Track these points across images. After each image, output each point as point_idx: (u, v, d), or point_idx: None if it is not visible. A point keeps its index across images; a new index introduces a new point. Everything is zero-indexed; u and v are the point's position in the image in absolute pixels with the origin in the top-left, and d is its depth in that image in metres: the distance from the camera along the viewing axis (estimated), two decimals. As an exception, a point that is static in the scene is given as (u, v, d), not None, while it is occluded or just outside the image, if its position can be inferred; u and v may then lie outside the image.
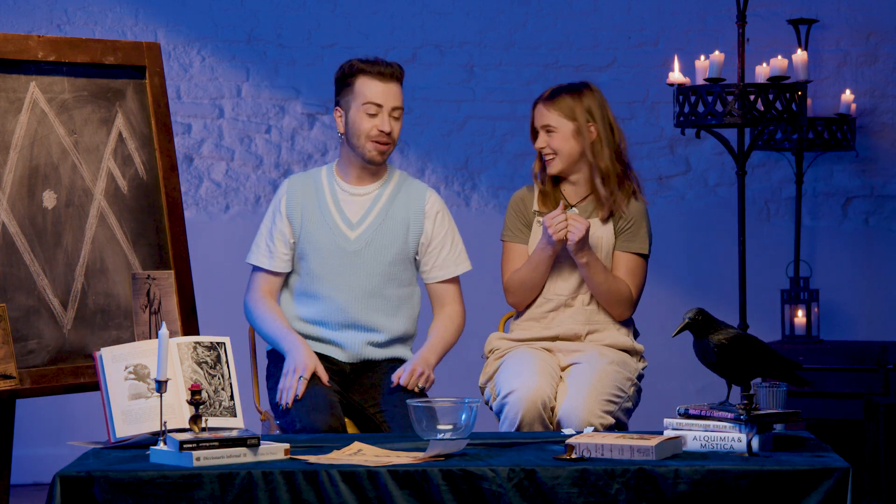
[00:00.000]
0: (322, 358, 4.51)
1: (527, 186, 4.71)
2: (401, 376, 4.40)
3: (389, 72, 4.52)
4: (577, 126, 4.56)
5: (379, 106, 4.49)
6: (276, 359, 4.57)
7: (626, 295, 4.56)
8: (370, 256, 4.52)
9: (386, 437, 4.01)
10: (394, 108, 4.52)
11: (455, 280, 4.65)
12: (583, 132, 4.56)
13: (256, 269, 4.61)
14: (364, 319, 4.53)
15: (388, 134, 4.50)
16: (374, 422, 4.43)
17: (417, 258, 4.61)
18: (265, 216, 4.63)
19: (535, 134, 4.65)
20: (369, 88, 4.49)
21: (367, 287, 4.52)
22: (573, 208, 4.60)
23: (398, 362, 4.57)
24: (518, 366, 4.43)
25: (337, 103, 4.57)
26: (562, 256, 4.57)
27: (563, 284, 4.59)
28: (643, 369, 4.63)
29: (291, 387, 4.34)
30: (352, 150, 4.53)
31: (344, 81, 4.54)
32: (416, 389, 4.40)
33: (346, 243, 4.51)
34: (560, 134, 4.57)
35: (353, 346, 4.53)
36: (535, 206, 4.64)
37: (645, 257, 4.62)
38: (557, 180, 4.65)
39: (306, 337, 4.53)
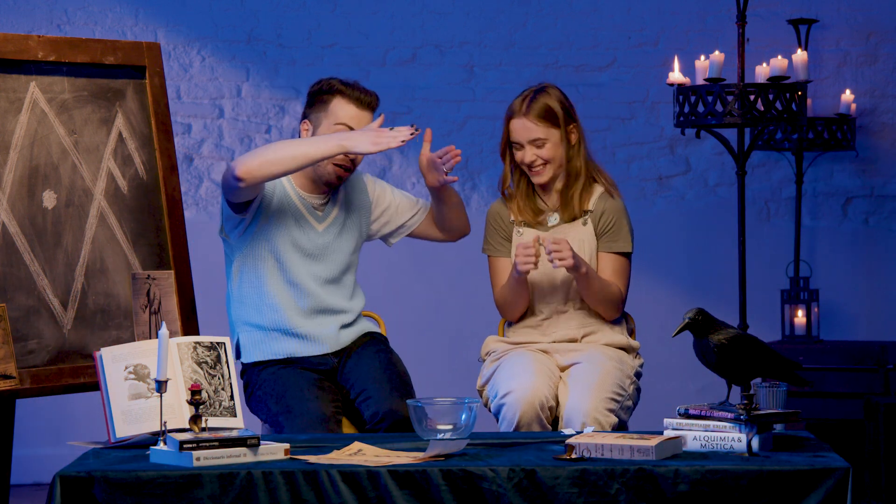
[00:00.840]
0: (307, 360, 4.51)
1: (500, 199, 4.68)
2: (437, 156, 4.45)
3: (367, 100, 4.50)
4: (561, 132, 4.55)
5: (350, 129, 4.46)
6: (251, 373, 4.55)
7: (617, 297, 4.56)
8: (337, 247, 4.57)
9: (386, 438, 4.01)
10: None
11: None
12: (567, 135, 4.56)
13: None
14: (332, 303, 4.56)
15: (353, 160, 4.49)
16: (359, 413, 4.45)
17: (374, 231, 4.68)
18: None
19: (506, 148, 4.58)
20: (344, 111, 4.48)
21: (329, 276, 4.56)
22: (554, 216, 4.58)
23: (369, 337, 4.62)
24: (515, 367, 4.44)
25: (306, 116, 4.55)
26: (547, 268, 4.55)
27: (553, 295, 4.57)
28: (640, 366, 4.63)
29: (400, 132, 4.27)
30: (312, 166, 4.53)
31: (319, 97, 4.52)
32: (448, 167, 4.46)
33: (315, 235, 4.53)
34: (551, 143, 4.54)
35: (330, 334, 4.55)
36: (513, 217, 4.62)
37: (629, 255, 4.61)
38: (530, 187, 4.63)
39: (282, 331, 4.52)
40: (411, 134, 4.27)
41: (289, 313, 4.52)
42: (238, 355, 4.59)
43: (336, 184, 4.54)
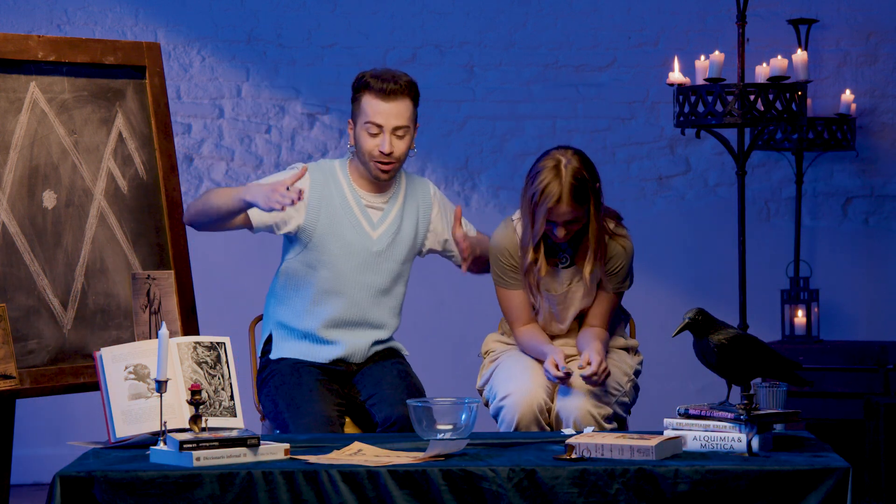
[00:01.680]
0: (333, 363, 4.50)
1: (504, 227, 4.50)
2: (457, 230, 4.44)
3: (393, 88, 4.38)
4: (590, 204, 4.37)
5: (379, 126, 4.40)
6: (270, 364, 4.54)
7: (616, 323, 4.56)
8: (390, 255, 4.51)
9: (386, 438, 4.01)
10: (396, 128, 4.41)
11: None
12: (592, 203, 4.40)
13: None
14: (374, 317, 4.52)
15: (390, 154, 4.40)
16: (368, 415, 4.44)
17: (425, 247, 4.62)
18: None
19: (534, 222, 4.37)
20: (371, 107, 4.39)
21: (382, 286, 4.52)
22: (564, 257, 4.51)
23: (392, 353, 4.60)
24: (513, 368, 4.42)
25: (351, 114, 4.49)
26: (555, 306, 4.50)
27: (557, 326, 4.54)
28: (639, 364, 4.62)
29: (286, 196, 4.14)
30: (360, 163, 4.48)
31: (354, 96, 4.45)
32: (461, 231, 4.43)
33: (369, 243, 4.48)
34: (583, 218, 4.37)
35: (362, 348, 4.52)
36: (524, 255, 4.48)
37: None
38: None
39: (315, 339, 4.50)
40: (293, 201, 4.11)
41: (327, 324, 4.49)
42: (266, 349, 4.57)
43: (384, 178, 4.44)
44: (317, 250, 4.47)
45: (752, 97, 5.89)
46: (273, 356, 4.54)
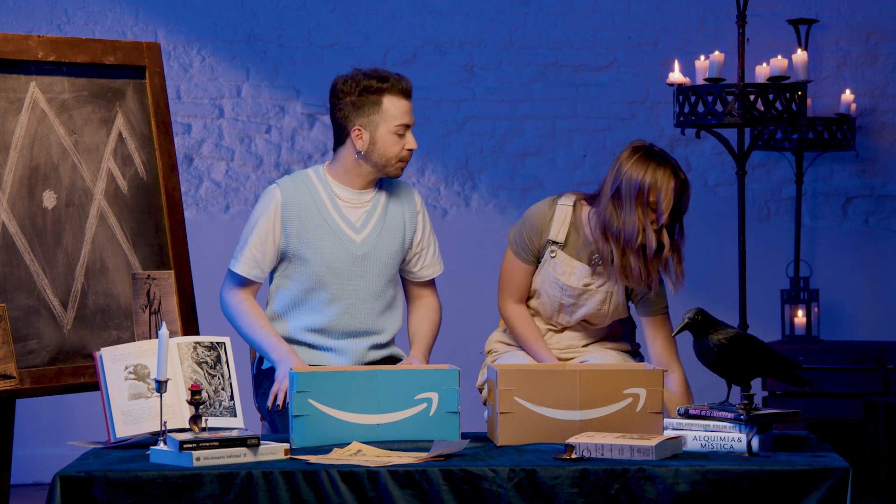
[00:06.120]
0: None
1: (545, 204, 4.50)
2: None
3: (410, 87, 4.42)
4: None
5: (408, 126, 4.40)
6: (269, 375, 4.53)
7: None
8: (376, 258, 4.46)
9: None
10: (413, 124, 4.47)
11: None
12: None
13: (238, 275, 4.48)
14: (369, 323, 4.48)
15: (410, 150, 4.44)
16: None
17: (406, 256, 4.57)
18: (252, 222, 4.46)
19: (628, 212, 4.43)
20: (398, 108, 4.37)
21: (373, 289, 4.47)
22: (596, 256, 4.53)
23: (391, 360, 4.55)
24: None
25: (353, 121, 4.39)
26: (567, 297, 4.49)
27: (563, 316, 4.52)
28: None
29: (282, 390, 4.31)
30: (371, 165, 4.41)
31: (367, 99, 4.37)
32: None
33: (353, 247, 4.44)
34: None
35: (355, 352, 4.48)
36: (552, 236, 4.44)
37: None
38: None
39: (306, 345, 4.48)
40: (276, 406, 4.33)
41: (321, 333, 4.46)
42: (260, 360, 4.56)
43: (400, 175, 4.45)
44: (301, 263, 4.44)
45: (752, 97, 5.89)
46: (265, 365, 4.53)
